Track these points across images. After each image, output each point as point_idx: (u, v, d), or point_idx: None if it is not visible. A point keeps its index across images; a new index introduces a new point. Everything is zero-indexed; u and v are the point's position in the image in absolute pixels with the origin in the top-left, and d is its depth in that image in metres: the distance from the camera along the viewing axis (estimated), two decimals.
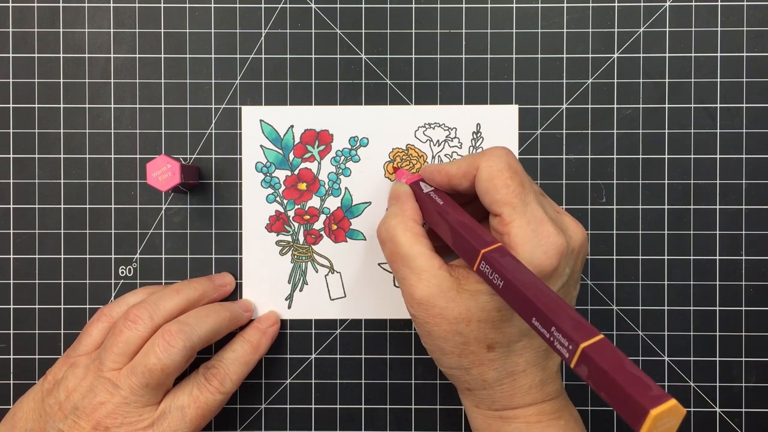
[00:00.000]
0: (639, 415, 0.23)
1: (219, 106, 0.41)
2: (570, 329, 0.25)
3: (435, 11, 0.41)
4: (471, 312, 0.31)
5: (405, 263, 0.32)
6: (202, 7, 0.41)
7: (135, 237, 0.41)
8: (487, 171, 0.32)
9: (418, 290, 0.32)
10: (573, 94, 0.41)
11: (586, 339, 0.25)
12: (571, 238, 0.32)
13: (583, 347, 0.25)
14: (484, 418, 0.34)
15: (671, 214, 0.41)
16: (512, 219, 0.31)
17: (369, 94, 0.41)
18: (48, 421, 0.35)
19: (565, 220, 0.33)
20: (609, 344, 0.25)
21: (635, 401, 0.23)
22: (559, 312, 0.26)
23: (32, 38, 0.41)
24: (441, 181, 0.35)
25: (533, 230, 0.31)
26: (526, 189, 0.32)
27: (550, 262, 0.30)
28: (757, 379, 0.41)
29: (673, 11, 0.41)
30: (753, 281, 0.41)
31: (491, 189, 0.32)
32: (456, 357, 0.32)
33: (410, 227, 0.33)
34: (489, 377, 0.32)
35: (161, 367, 0.34)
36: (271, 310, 0.41)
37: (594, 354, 0.24)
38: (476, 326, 0.31)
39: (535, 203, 0.31)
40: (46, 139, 0.41)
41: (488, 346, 0.32)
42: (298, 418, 0.42)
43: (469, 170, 0.33)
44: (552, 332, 0.26)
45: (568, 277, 0.32)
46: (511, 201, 0.31)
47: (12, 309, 0.41)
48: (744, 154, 0.41)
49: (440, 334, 0.32)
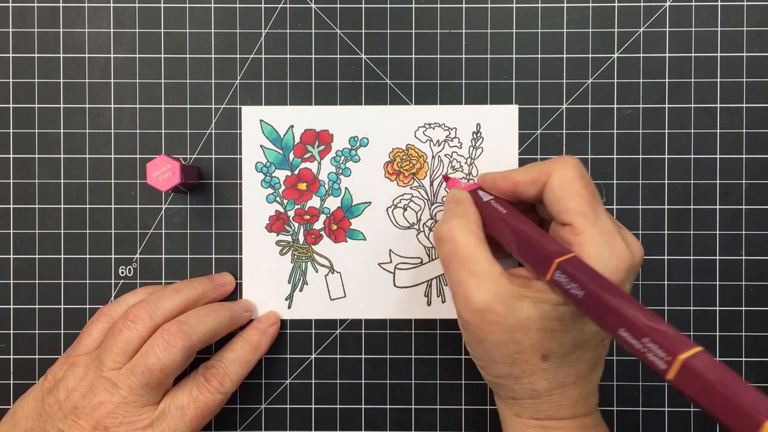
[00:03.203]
0: (752, 427, 0.22)
1: (219, 106, 0.41)
2: (666, 340, 0.25)
3: (435, 11, 0.41)
4: (531, 320, 0.30)
5: (465, 265, 0.31)
6: (202, 7, 0.41)
7: (135, 237, 0.41)
8: (560, 179, 0.32)
9: (476, 295, 0.31)
10: (573, 94, 0.41)
11: (685, 350, 0.24)
12: (634, 254, 0.31)
13: (683, 359, 0.24)
14: (523, 427, 0.33)
15: (671, 214, 0.41)
16: (585, 229, 0.30)
17: (369, 94, 0.41)
18: (48, 420, 0.35)
19: (627, 235, 0.33)
20: (709, 356, 0.24)
21: (747, 414, 0.22)
22: (652, 322, 0.26)
23: (32, 38, 0.41)
24: (505, 188, 0.34)
25: (605, 242, 0.30)
26: (597, 200, 0.31)
27: (620, 275, 0.30)
28: (757, 379, 0.41)
29: (673, 11, 0.41)
30: (753, 281, 0.41)
31: (564, 197, 0.31)
32: (507, 366, 0.32)
33: (473, 230, 0.32)
34: (539, 387, 0.32)
35: (161, 367, 0.34)
36: (271, 310, 0.41)
37: (696, 366, 0.24)
38: (535, 335, 0.30)
39: (606, 215, 0.31)
40: (46, 139, 0.41)
41: (543, 355, 0.31)
42: (298, 418, 0.42)
43: (539, 177, 0.32)
44: (644, 343, 0.25)
45: (628, 292, 0.32)
46: (584, 211, 0.31)
47: (12, 309, 0.41)
48: (744, 154, 0.41)
49: (494, 342, 0.31)
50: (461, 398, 0.42)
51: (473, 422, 0.41)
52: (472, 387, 0.42)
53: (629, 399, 0.41)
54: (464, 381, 0.42)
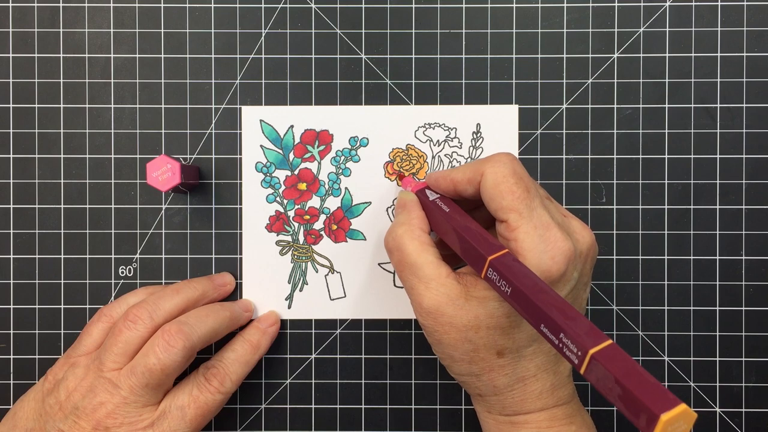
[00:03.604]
0: (650, 420, 0.22)
1: (219, 106, 0.41)
2: (578, 335, 0.25)
3: (435, 11, 0.41)
4: (480, 319, 0.31)
5: (413, 272, 0.32)
6: (202, 7, 0.41)
7: (135, 237, 0.41)
8: (492, 177, 0.32)
9: (426, 299, 0.32)
10: (573, 94, 0.41)
11: (595, 345, 0.25)
12: (579, 242, 0.32)
13: (592, 353, 0.25)
14: (495, 423, 0.34)
15: (671, 214, 0.41)
16: (518, 225, 0.31)
17: (369, 94, 0.41)
18: (48, 420, 0.35)
19: (573, 223, 0.33)
20: (618, 349, 0.25)
21: (645, 407, 0.23)
22: (566, 318, 0.26)
23: (32, 38, 0.41)
24: (446, 188, 0.35)
25: (540, 236, 0.30)
26: (532, 194, 0.31)
27: (558, 267, 0.30)
28: (757, 379, 0.41)
29: (673, 11, 0.41)
30: (753, 281, 0.41)
31: (496, 195, 0.31)
32: (466, 364, 0.32)
33: (417, 236, 0.33)
34: (499, 383, 0.32)
35: (161, 367, 0.34)
36: (271, 310, 0.41)
37: (602, 360, 0.24)
38: (485, 333, 0.31)
39: (541, 208, 0.31)
40: (46, 139, 0.41)
41: (498, 352, 0.32)
42: (298, 418, 0.42)
43: (474, 176, 0.33)
44: (561, 338, 0.26)
45: (577, 281, 0.32)
46: (517, 207, 0.31)
47: (12, 309, 0.41)
48: (744, 154, 0.41)
49: (450, 342, 0.32)
50: (461, 398, 0.42)
51: (473, 422, 0.41)
52: None
53: None
54: None
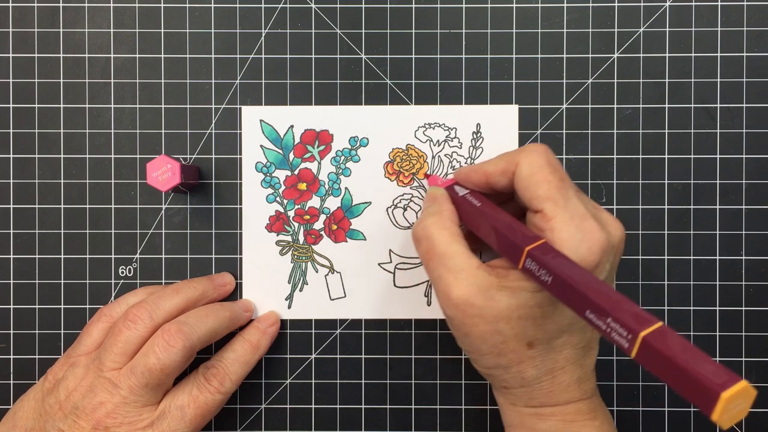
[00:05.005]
0: (710, 399, 0.22)
1: (219, 106, 0.41)
2: (627, 318, 0.25)
3: (435, 11, 0.41)
4: (511, 309, 0.31)
5: (442, 262, 0.32)
6: (202, 7, 0.41)
7: (135, 237, 0.41)
8: (528, 167, 0.32)
9: (455, 290, 0.31)
10: (573, 94, 0.41)
11: (646, 327, 0.25)
12: (611, 234, 0.32)
13: (643, 335, 0.24)
14: (519, 416, 0.34)
15: (671, 214, 0.41)
16: (555, 214, 0.31)
17: (369, 94, 0.41)
18: (48, 420, 0.35)
19: (604, 215, 0.33)
20: (670, 331, 0.25)
21: (704, 386, 0.22)
22: (613, 302, 0.26)
23: (32, 38, 0.41)
24: (478, 181, 0.34)
25: (576, 226, 0.30)
26: (567, 184, 0.31)
27: (594, 258, 0.30)
28: (757, 379, 0.41)
29: (673, 11, 0.41)
30: (753, 281, 0.41)
31: (532, 185, 0.31)
32: (494, 357, 0.32)
33: (447, 226, 0.33)
34: (529, 375, 0.32)
35: (161, 367, 0.34)
36: (271, 310, 0.41)
37: (655, 341, 0.24)
38: (516, 324, 0.31)
39: (576, 198, 0.31)
40: (46, 139, 0.41)
41: (528, 343, 0.31)
42: (298, 418, 0.42)
43: (508, 167, 0.33)
44: (608, 323, 0.26)
45: (608, 273, 0.32)
46: (553, 196, 0.31)
47: (12, 309, 0.41)
48: (744, 154, 0.41)
49: (478, 334, 0.31)
50: (461, 398, 0.42)
51: (473, 422, 0.41)
52: (472, 387, 0.42)
53: (629, 399, 0.41)
54: (464, 381, 0.42)
